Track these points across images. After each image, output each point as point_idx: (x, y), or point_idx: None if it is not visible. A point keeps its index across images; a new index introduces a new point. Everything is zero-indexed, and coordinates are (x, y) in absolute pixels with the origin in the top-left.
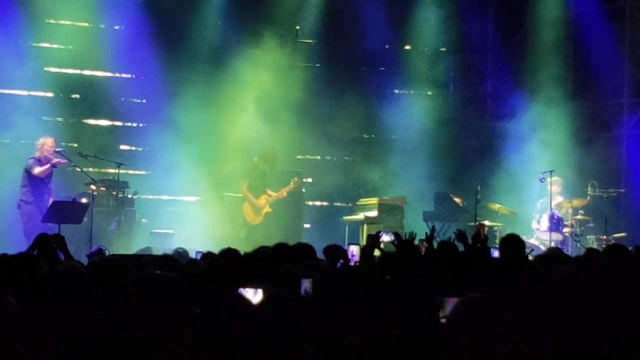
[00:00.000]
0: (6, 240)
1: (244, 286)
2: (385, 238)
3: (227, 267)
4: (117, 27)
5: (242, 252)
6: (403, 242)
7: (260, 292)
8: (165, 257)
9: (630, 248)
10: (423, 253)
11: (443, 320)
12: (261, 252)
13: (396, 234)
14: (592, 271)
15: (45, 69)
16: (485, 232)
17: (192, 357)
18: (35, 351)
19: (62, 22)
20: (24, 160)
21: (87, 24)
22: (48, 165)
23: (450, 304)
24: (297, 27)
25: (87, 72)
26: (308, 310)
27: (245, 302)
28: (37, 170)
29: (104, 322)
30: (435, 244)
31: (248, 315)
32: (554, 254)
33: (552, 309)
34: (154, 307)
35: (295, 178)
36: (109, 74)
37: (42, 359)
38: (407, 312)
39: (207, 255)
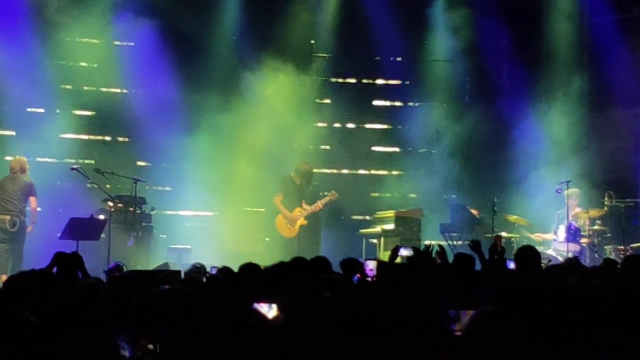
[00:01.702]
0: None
1: (259, 301)
2: (404, 252)
3: (245, 281)
4: (132, 44)
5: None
6: (420, 255)
7: (274, 306)
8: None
9: None
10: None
11: (458, 333)
12: (279, 266)
13: (414, 248)
14: (609, 282)
15: (62, 86)
16: (502, 244)
17: None
18: None
19: (77, 39)
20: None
21: (102, 41)
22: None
23: (466, 316)
24: (312, 41)
25: (103, 89)
26: (324, 323)
27: (261, 317)
28: (35, 204)
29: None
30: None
31: (264, 330)
32: (569, 265)
33: (559, 319)
34: (173, 321)
35: (333, 191)
36: (125, 91)
37: None
38: (419, 324)
39: (223, 270)
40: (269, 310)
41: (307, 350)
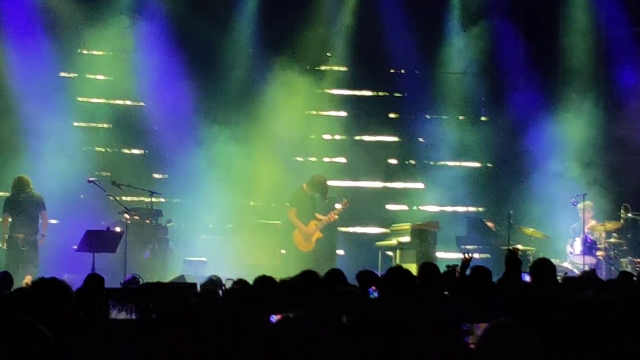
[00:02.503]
0: None
1: (276, 313)
2: None
3: (260, 294)
4: (149, 57)
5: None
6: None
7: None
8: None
9: None
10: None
11: (472, 346)
12: (294, 279)
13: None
14: (625, 294)
15: (78, 99)
16: (519, 256)
17: None
18: None
19: (94, 52)
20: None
21: (119, 54)
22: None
23: (480, 329)
24: (328, 54)
25: (119, 102)
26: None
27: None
28: (46, 218)
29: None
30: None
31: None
32: (586, 277)
33: (574, 331)
34: (188, 333)
35: (345, 200)
36: (141, 104)
37: None
38: (433, 337)
39: (239, 283)
40: None
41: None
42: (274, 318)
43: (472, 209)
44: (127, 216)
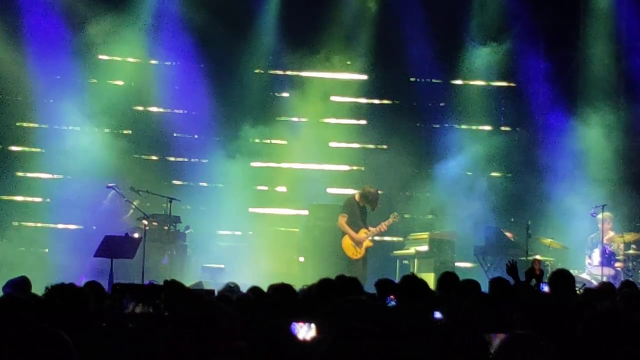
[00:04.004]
0: None
1: (297, 320)
2: None
3: (279, 301)
4: (168, 63)
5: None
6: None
7: (313, 326)
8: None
9: None
10: None
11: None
12: (311, 287)
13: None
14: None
15: (98, 104)
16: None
17: None
18: None
19: (114, 58)
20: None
21: (139, 60)
22: None
23: (497, 339)
24: (348, 62)
25: (139, 108)
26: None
27: (292, 337)
28: None
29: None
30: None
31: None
32: (604, 289)
33: (592, 342)
34: (204, 338)
35: (395, 213)
36: (161, 110)
37: None
38: (453, 347)
39: (253, 290)
40: (308, 331)
41: None
42: (295, 327)
43: (490, 218)
44: (145, 222)
